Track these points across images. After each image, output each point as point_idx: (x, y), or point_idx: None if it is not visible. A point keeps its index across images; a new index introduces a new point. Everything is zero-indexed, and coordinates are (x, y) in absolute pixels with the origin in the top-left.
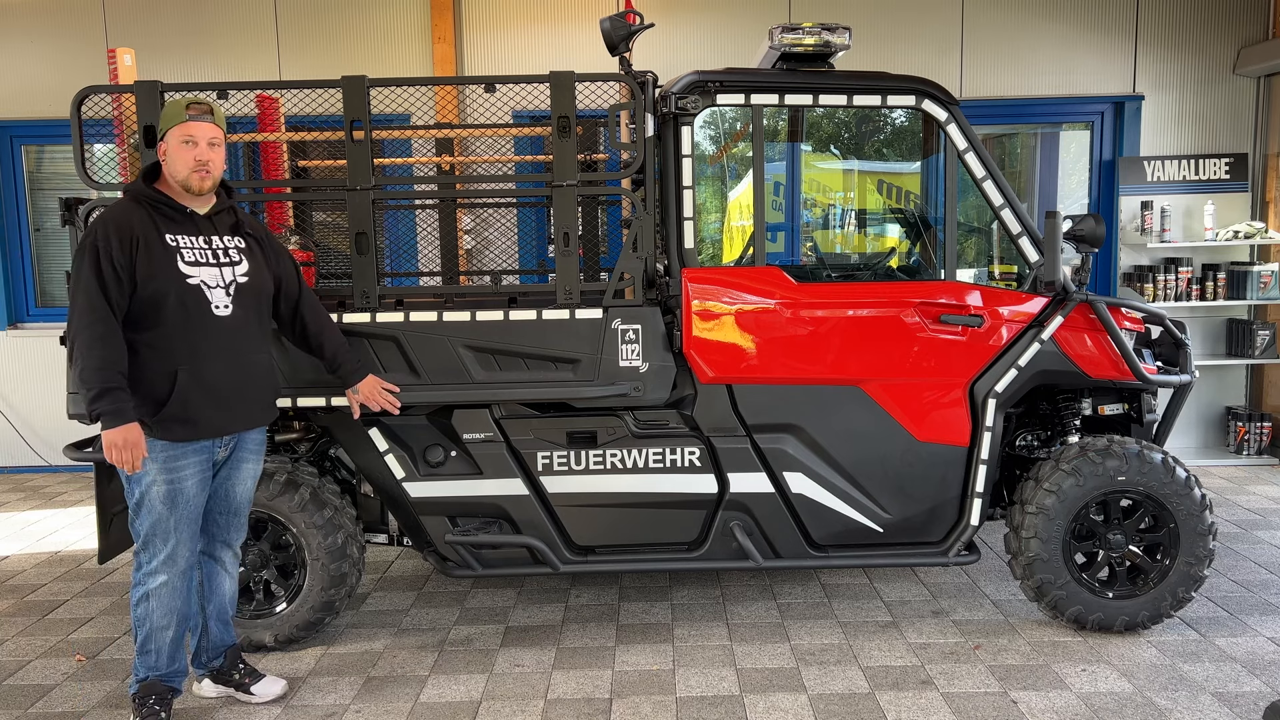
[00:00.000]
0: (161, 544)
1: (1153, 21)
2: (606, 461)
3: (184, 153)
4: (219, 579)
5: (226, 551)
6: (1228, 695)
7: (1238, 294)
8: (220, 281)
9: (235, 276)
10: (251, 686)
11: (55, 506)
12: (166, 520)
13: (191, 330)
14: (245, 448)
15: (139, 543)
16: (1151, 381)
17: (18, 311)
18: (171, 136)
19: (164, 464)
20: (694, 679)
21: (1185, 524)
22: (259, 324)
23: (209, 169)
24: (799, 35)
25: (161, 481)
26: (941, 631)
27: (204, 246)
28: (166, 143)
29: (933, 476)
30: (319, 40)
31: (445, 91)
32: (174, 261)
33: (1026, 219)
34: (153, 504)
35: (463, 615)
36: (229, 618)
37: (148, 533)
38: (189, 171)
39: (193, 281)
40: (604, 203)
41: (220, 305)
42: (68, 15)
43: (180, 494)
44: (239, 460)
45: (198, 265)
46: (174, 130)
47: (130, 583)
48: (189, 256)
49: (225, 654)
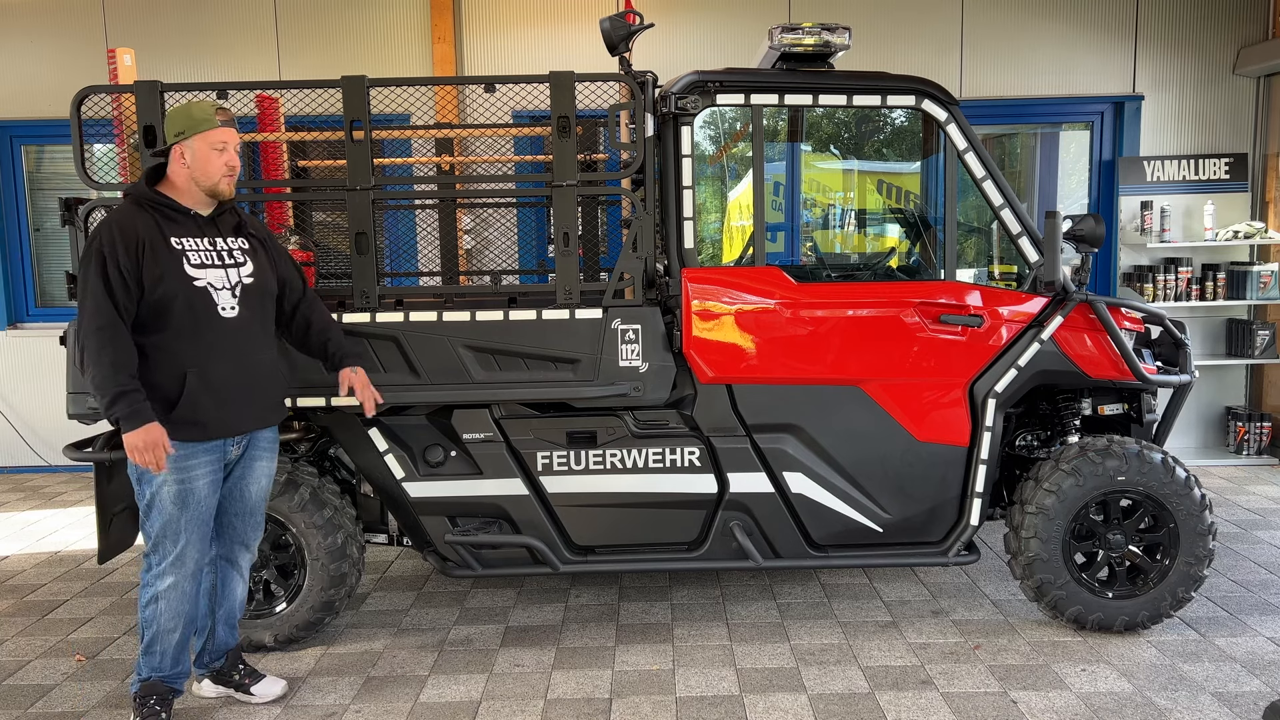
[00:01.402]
0: (171, 545)
1: (1153, 21)
2: (606, 461)
3: (216, 158)
4: (233, 583)
5: (244, 554)
6: (1227, 695)
7: (1237, 294)
8: (226, 283)
9: (241, 278)
10: (251, 687)
11: (55, 506)
12: (177, 521)
13: (199, 332)
14: (258, 446)
15: (149, 544)
16: (1151, 381)
17: (18, 311)
18: (200, 141)
19: (175, 464)
20: (694, 679)
21: (1185, 524)
22: (264, 324)
23: (235, 174)
24: (799, 35)
25: (173, 482)
26: (941, 631)
27: (209, 248)
28: (190, 146)
29: (932, 476)
30: (319, 40)
31: (445, 91)
32: (180, 264)
33: (1026, 219)
34: (164, 504)
35: (463, 615)
36: (236, 620)
37: (158, 534)
38: (220, 176)
39: (199, 284)
40: (604, 203)
41: (227, 307)
42: (68, 15)
43: (191, 494)
44: (252, 459)
45: (204, 267)
46: (205, 135)
47: (137, 583)
48: (195, 259)
49: (226, 655)
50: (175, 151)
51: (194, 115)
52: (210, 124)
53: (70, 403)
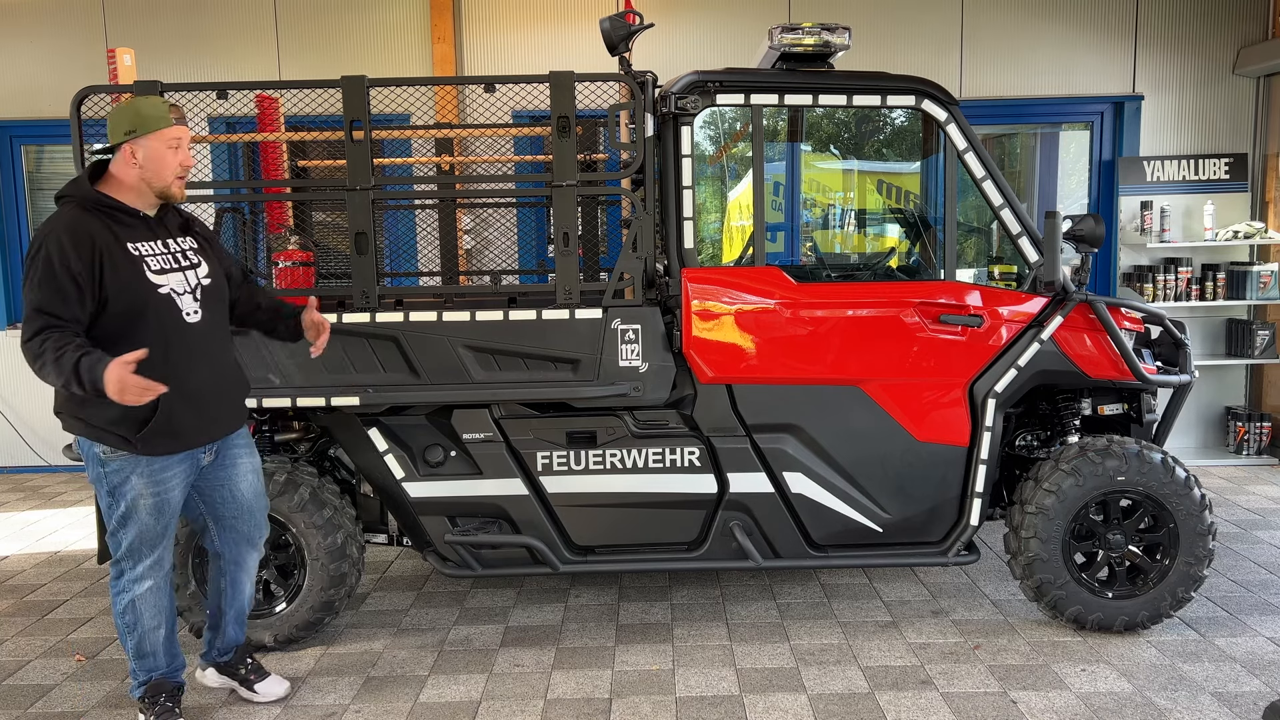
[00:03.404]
0: (149, 551)
1: (1152, 21)
2: (606, 461)
3: (172, 157)
4: (243, 584)
5: (251, 553)
6: (1227, 695)
7: (1237, 294)
8: (187, 287)
9: (200, 279)
10: (256, 684)
11: (55, 506)
12: (153, 529)
13: (168, 341)
14: (235, 446)
15: (120, 552)
16: (1151, 381)
17: (18, 311)
18: (154, 140)
19: (150, 478)
20: (694, 679)
21: (1185, 524)
22: (225, 326)
23: (187, 174)
24: (799, 35)
25: (148, 495)
26: (941, 631)
27: (164, 251)
28: (143, 145)
29: (932, 476)
30: (319, 41)
31: (445, 91)
32: (142, 272)
33: (1026, 219)
34: (140, 517)
35: (462, 615)
36: (245, 618)
37: (133, 543)
38: (173, 177)
39: (163, 291)
40: (604, 203)
41: (190, 312)
42: (68, 15)
43: (167, 504)
44: (231, 460)
45: (164, 273)
46: (160, 133)
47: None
48: (155, 264)
49: (234, 650)
50: (125, 151)
51: (145, 113)
52: (165, 121)
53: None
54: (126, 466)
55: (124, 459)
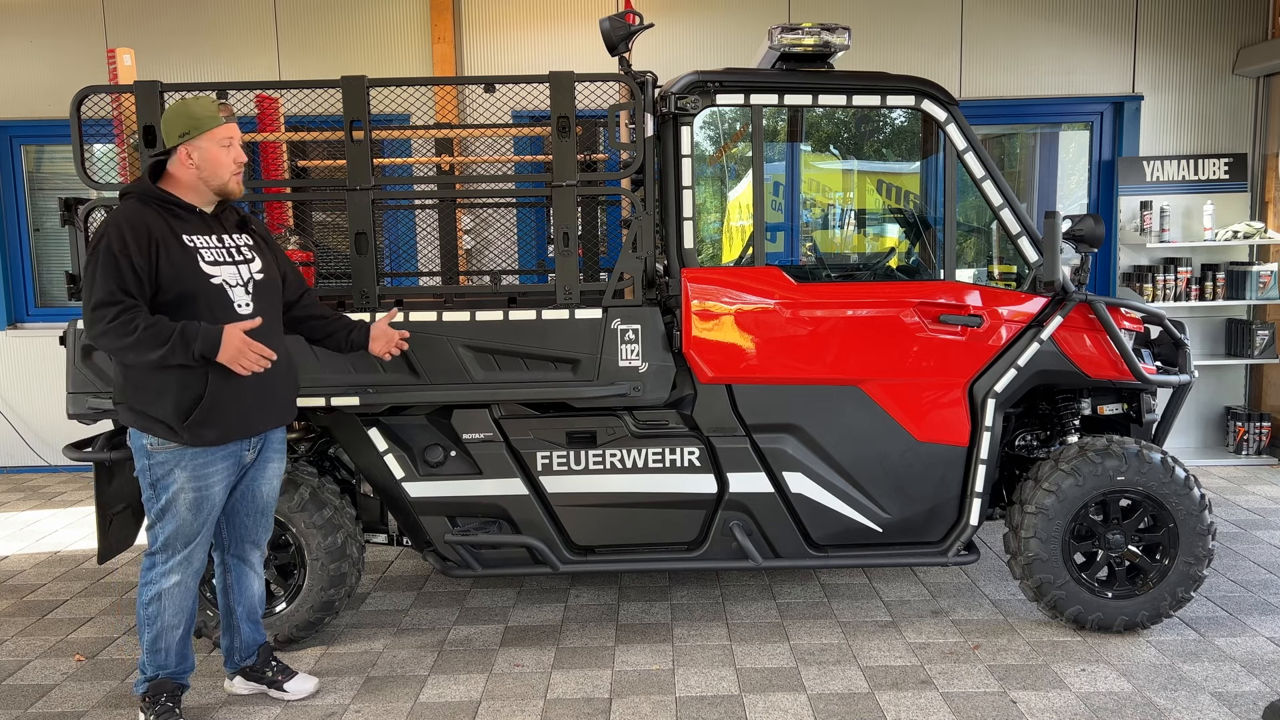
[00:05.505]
0: (182, 545)
1: (1152, 21)
2: (606, 461)
3: (226, 155)
4: (248, 580)
5: (255, 552)
6: (1227, 695)
7: (1237, 294)
8: (239, 280)
9: (252, 274)
10: (285, 684)
11: (55, 506)
12: (191, 525)
13: None
14: (271, 447)
15: (156, 544)
16: (1151, 381)
17: (17, 311)
18: (209, 139)
19: (193, 471)
20: (693, 679)
21: (1184, 524)
22: (277, 320)
23: (242, 170)
24: (798, 35)
25: (189, 489)
26: (941, 631)
27: (219, 245)
28: (198, 146)
29: (932, 476)
30: (319, 40)
31: (445, 92)
32: (195, 262)
33: (1026, 219)
34: (179, 511)
35: (462, 615)
36: (259, 616)
37: (169, 536)
38: (230, 174)
39: (215, 282)
40: (604, 203)
41: (242, 304)
42: (67, 15)
43: (207, 500)
44: (265, 460)
45: (218, 265)
46: (213, 133)
47: (137, 583)
48: (209, 256)
49: (257, 652)
50: (180, 153)
51: (197, 114)
52: (215, 121)
53: (70, 403)
54: (171, 459)
55: (170, 451)
